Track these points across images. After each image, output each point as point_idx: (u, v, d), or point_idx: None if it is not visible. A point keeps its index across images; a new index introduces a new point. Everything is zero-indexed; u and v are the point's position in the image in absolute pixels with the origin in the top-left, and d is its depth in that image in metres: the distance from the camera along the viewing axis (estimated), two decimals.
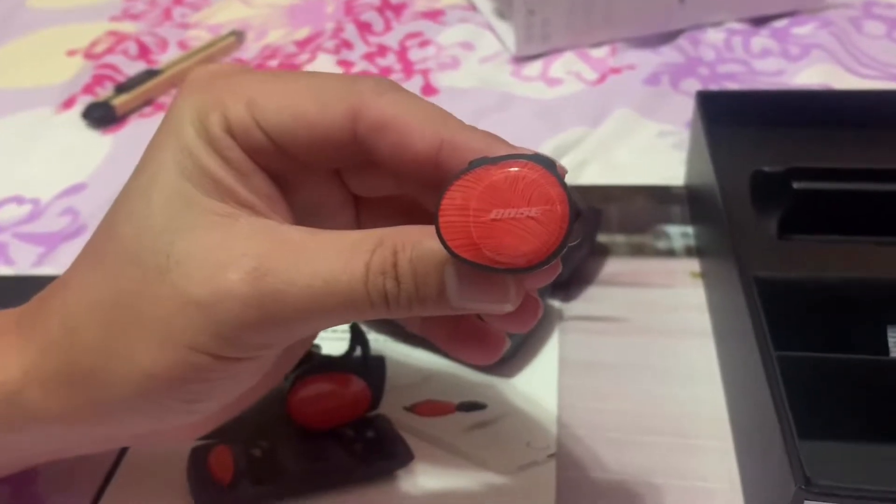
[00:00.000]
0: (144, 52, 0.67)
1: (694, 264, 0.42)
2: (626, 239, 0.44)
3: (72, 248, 0.47)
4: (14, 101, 0.62)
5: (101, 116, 0.59)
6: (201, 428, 0.29)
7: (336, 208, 0.29)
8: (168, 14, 0.73)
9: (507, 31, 0.63)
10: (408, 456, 0.33)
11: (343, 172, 0.28)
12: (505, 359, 0.37)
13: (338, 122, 0.25)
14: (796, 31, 0.62)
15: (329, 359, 0.35)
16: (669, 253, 0.43)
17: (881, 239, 0.37)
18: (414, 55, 0.64)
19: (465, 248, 0.21)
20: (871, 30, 0.62)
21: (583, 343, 0.38)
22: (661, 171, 0.49)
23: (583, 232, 0.41)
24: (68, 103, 0.61)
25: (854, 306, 0.34)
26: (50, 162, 0.55)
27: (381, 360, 0.37)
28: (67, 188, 0.52)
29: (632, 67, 0.59)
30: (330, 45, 0.66)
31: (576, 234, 0.22)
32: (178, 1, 0.75)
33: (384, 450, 0.34)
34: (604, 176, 0.49)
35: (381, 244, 0.23)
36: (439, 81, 0.60)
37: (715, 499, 0.31)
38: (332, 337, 0.38)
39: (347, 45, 0.66)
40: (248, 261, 0.23)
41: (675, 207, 0.46)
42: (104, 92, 0.62)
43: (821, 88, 0.55)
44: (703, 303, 0.40)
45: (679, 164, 0.49)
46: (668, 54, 0.60)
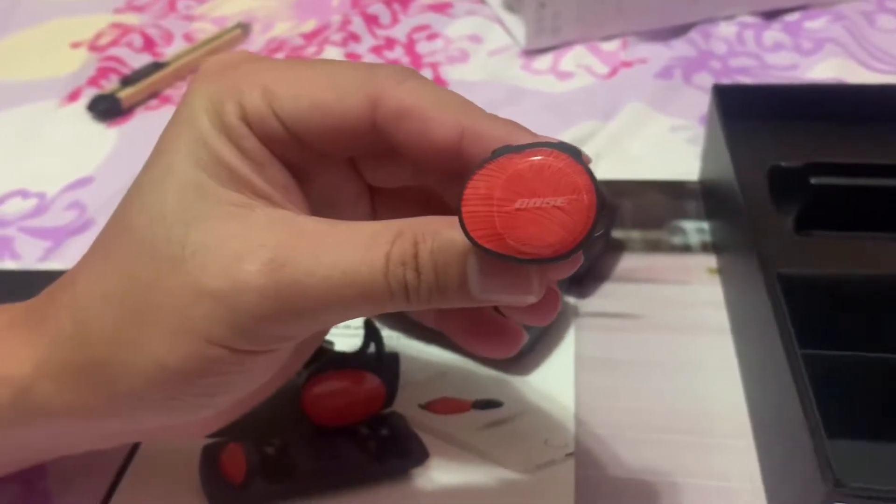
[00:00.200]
0: (149, 44, 0.66)
1: (710, 260, 0.41)
2: (641, 234, 0.43)
3: (79, 242, 0.47)
4: (18, 93, 0.61)
5: (107, 109, 0.58)
6: (212, 424, 0.29)
7: (352, 199, 0.28)
8: (173, 6, 0.72)
9: (516, 23, 0.62)
10: (423, 454, 0.33)
11: (359, 162, 0.28)
12: (520, 355, 0.36)
13: (356, 110, 0.24)
14: (808, 24, 0.61)
15: (343, 355, 0.35)
16: (685, 249, 0.42)
17: None
18: (422, 48, 0.63)
19: (488, 238, 0.21)
20: (884, 24, 0.61)
21: (599, 340, 0.37)
22: (675, 166, 0.48)
23: (606, 223, 0.40)
24: (73, 96, 0.60)
25: (879, 303, 0.33)
26: (55, 155, 0.55)
27: (395, 356, 0.36)
28: (74, 182, 0.52)
29: (643, 61, 0.59)
30: (337, 37, 0.65)
31: (601, 225, 0.21)
32: None
33: (399, 448, 0.33)
34: (617, 170, 0.48)
35: (401, 235, 0.23)
36: (448, 75, 0.60)
37: (737, 498, 0.31)
38: (345, 333, 0.37)
39: (355, 37, 0.65)
40: (266, 252, 0.23)
41: (690, 203, 0.45)
42: (109, 84, 0.61)
43: (836, 83, 0.55)
44: (721, 299, 0.39)
45: (693, 159, 0.48)
46: (679, 48, 0.60)
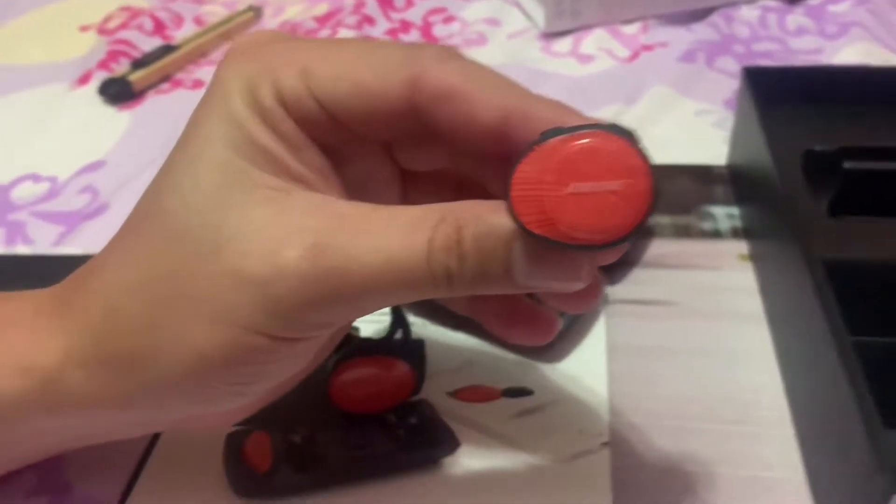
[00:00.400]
0: (159, 27, 0.65)
1: (742, 246, 0.40)
2: (670, 220, 0.42)
3: (93, 226, 0.46)
4: (27, 76, 0.60)
5: (118, 92, 0.57)
6: (240, 413, 0.28)
7: (383, 183, 0.28)
8: None
9: (534, 6, 0.61)
10: (453, 443, 0.32)
11: (394, 145, 0.27)
12: (551, 343, 0.35)
13: (397, 91, 0.23)
14: (832, 8, 0.60)
15: (369, 341, 0.34)
16: (715, 234, 0.41)
17: None
18: (438, 31, 0.62)
19: (538, 223, 0.20)
20: None
21: (631, 327, 0.36)
22: (701, 151, 0.47)
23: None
24: (83, 79, 0.59)
25: None
26: (66, 139, 0.54)
27: (421, 343, 0.35)
28: (86, 166, 0.51)
29: (664, 45, 0.57)
30: (351, 20, 0.64)
31: (655, 210, 0.20)
32: None
33: (429, 436, 0.32)
34: (645, 149, 0.47)
35: (444, 220, 0.22)
36: None
37: (779, 488, 0.30)
38: (370, 319, 0.36)
39: (369, 20, 0.64)
40: (306, 237, 0.22)
41: (718, 188, 0.44)
42: (120, 68, 0.60)
43: (867, 65, 0.53)
44: (754, 286, 0.38)
45: (720, 143, 0.47)
46: (701, 32, 0.58)
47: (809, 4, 0.61)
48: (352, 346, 0.33)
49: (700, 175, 0.45)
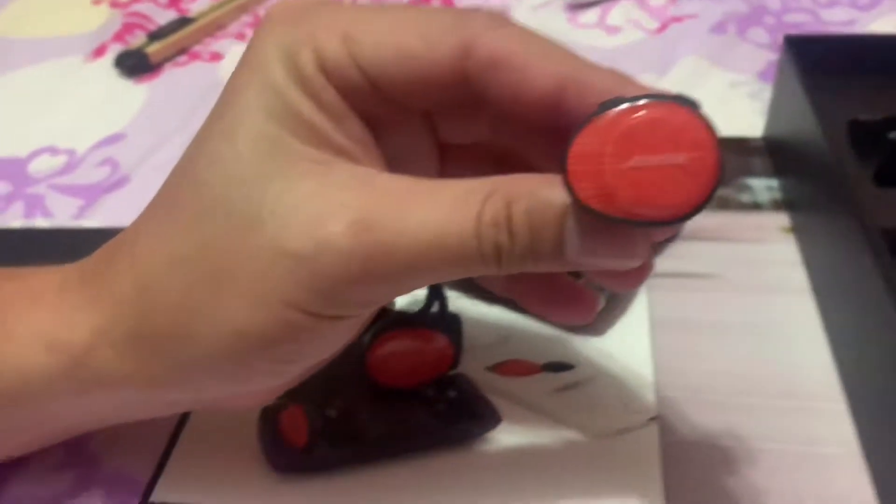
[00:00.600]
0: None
1: (783, 219, 0.39)
2: None
3: (113, 199, 0.44)
4: (40, 49, 0.59)
5: (135, 65, 0.56)
6: (271, 394, 0.27)
7: (422, 156, 0.26)
8: None
9: None
10: (495, 417, 0.31)
11: (436, 116, 0.26)
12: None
13: (446, 58, 0.22)
14: None
15: (406, 314, 0.33)
16: (755, 207, 0.40)
17: None
18: (460, 1, 0.61)
19: (597, 198, 0.19)
20: None
21: (674, 300, 0.35)
22: (737, 122, 0.46)
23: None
24: (98, 52, 0.58)
25: None
26: (83, 112, 0.52)
27: (457, 317, 0.34)
28: (104, 138, 0.49)
29: (694, 16, 0.56)
30: None
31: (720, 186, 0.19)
32: None
33: (469, 411, 0.31)
34: (713, 122, 0.46)
35: (494, 194, 0.21)
36: None
37: (833, 464, 0.29)
38: None
39: None
40: (350, 212, 0.21)
41: (755, 159, 0.43)
42: (135, 40, 0.59)
43: None
44: (798, 259, 0.37)
45: (755, 115, 0.46)
46: (730, 3, 0.57)
47: None
48: (388, 319, 0.32)
49: (737, 147, 0.44)
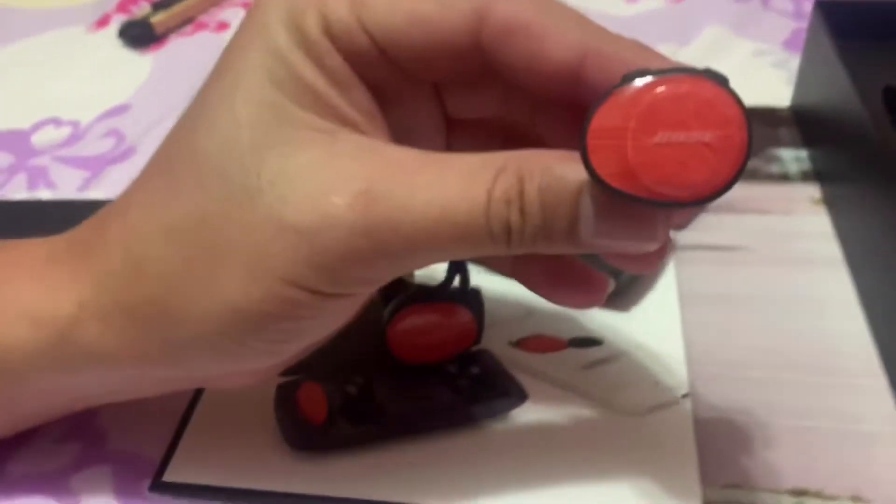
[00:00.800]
0: None
1: (813, 190, 0.38)
2: None
3: (119, 171, 0.43)
4: (42, 20, 0.58)
5: (139, 35, 0.55)
6: (268, 372, 0.26)
7: (429, 129, 0.25)
8: None
9: None
10: (521, 394, 0.30)
11: (445, 88, 0.24)
12: (619, 292, 0.33)
13: (461, 25, 0.21)
14: None
15: (427, 288, 0.32)
16: (784, 178, 0.39)
17: None
18: None
19: (617, 176, 0.18)
20: None
21: (702, 274, 0.34)
22: (763, 92, 0.44)
23: None
24: (102, 22, 0.57)
25: None
26: (87, 82, 0.51)
27: (479, 291, 0.33)
28: (109, 109, 0.48)
29: None
30: None
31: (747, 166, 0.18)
32: None
33: (494, 387, 0.30)
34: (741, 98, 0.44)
35: (505, 169, 0.20)
36: None
37: (873, 442, 0.28)
38: None
39: None
40: (356, 184, 0.20)
41: (783, 130, 0.42)
42: (139, 10, 0.57)
43: None
44: (830, 231, 0.36)
45: (781, 85, 0.45)
46: None
47: None
48: (409, 293, 0.30)
49: (763, 117, 0.43)
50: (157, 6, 0.56)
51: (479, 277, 0.35)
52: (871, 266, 0.32)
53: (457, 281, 0.31)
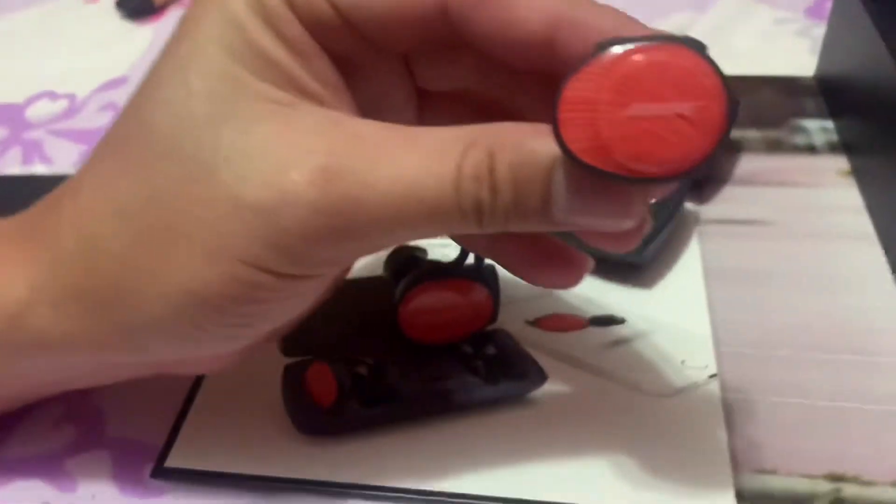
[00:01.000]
0: None
1: (841, 161, 0.37)
2: (759, 134, 0.38)
3: None
4: None
5: (137, 7, 0.53)
6: (237, 357, 0.25)
7: (399, 103, 0.24)
8: None
9: None
10: (540, 375, 0.28)
11: (414, 59, 0.23)
12: (640, 267, 0.32)
13: None
14: None
15: (439, 265, 0.30)
16: (810, 150, 0.37)
17: None
18: None
19: (590, 151, 0.17)
20: None
21: (729, 249, 0.33)
22: (785, 61, 0.43)
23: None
24: None
25: None
26: (83, 55, 0.50)
27: (494, 267, 0.32)
28: (106, 82, 0.47)
29: None
30: None
31: (728, 139, 0.17)
32: None
33: (512, 368, 0.29)
34: (721, 66, 0.43)
35: (475, 144, 0.19)
36: None
37: None
38: (434, 242, 0.32)
39: None
40: (316, 158, 0.19)
41: (807, 100, 0.40)
42: None
43: None
44: (860, 204, 0.34)
45: (804, 53, 0.43)
46: None
47: None
48: (421, 270, 0.29)
49: (786, 87, 0.41)
50: None
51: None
52: None
53: (471, 257, 0.30)
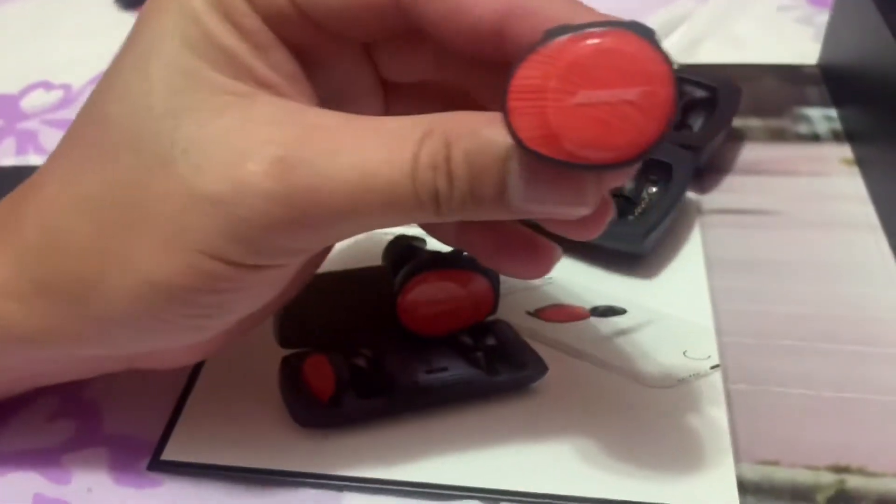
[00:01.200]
0: None
1: (844, 150, 0.36)
2: (761, 122, 0.38)
3: None
4: None
5: None
6: (207, 349, 0.25)
7: (362, 94, 0.24)
8: None
9: None
10: (541, 367, 0.28)
11: (375, 50, 0.23)
12: (642, 257, 0.32)
13: None
14: None
15: (439, 255, 0.30)
16: (813, 138, 0.37)
17: None
18: None
19: (539, 139, 0.18)
20: None
21: (731, 238, 0.32)
22: (788, 49, 0.43)
23: (732, 108, 0.35)
24: None
25: None
26: (78, 45, 0.49)
27: None
28: (102, 73, 0.46)
29: None
30: None
31: (673, 124, 0.18)
32: None
33: (512, 360, 0.28)
34: (723, 54, 0.43)
35: (431, 133, 0.19)
36: None
37: None
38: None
39: None
40: (273, 149, 0.19)
41: (810, 88, 0.40)
42: None
43: None
44: (864, 193, 0.34)
45: (807, 41, 0.43)
46: None
47: None
48: (420, 260, 0.29)
49: (789, 75, 0.41)
50: None
51: None
52: None
53: None
